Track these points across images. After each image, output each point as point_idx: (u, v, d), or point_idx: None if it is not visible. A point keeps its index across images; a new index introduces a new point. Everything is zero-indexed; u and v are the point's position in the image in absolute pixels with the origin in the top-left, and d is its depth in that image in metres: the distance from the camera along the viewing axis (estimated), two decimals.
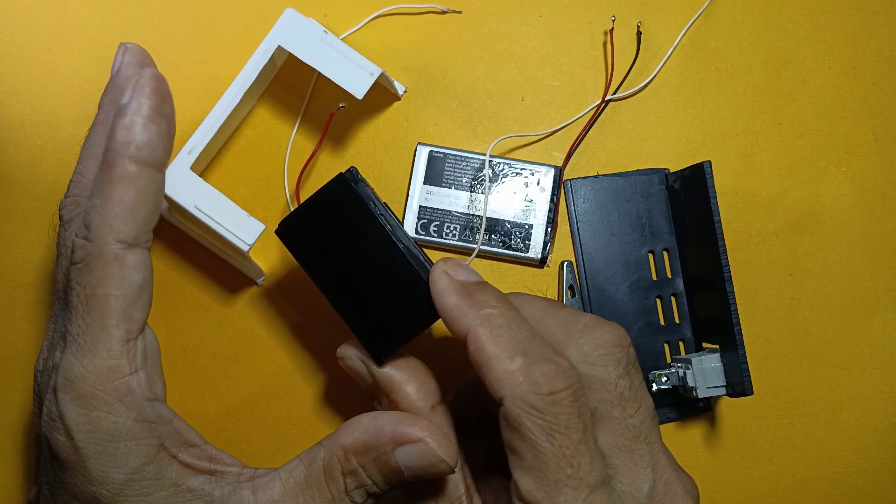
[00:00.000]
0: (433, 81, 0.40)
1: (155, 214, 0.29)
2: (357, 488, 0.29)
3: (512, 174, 0.39)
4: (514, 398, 0.26)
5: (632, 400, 0.28)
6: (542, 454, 0.26)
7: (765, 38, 0.41)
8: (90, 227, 0.28)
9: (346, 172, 0.30)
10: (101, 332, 0.28)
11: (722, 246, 0.35)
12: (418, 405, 0.30)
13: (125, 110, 0.29)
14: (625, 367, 0.28)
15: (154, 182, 0.29)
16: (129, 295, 0.28)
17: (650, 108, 0.41)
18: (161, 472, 0.28)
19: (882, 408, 0.40)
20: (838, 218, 0.40)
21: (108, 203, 0.28)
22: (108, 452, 0.27)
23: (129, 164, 0.28)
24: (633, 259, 0.39)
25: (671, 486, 0.28)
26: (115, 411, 0.27)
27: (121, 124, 0.28)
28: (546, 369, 0.26)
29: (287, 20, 0.35)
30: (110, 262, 0.28)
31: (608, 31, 0.40)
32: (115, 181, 0.28)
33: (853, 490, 0.39)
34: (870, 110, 0.41)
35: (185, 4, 0.40)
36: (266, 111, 0.40)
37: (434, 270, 0.30)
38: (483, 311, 0.28)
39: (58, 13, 0.40)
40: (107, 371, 0.27)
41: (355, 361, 0.32)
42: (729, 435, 0.39)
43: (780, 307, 0.40)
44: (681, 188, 0.38)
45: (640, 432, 0.28)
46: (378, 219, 0.30)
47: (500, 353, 0.27)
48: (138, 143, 0.28)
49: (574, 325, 0.29)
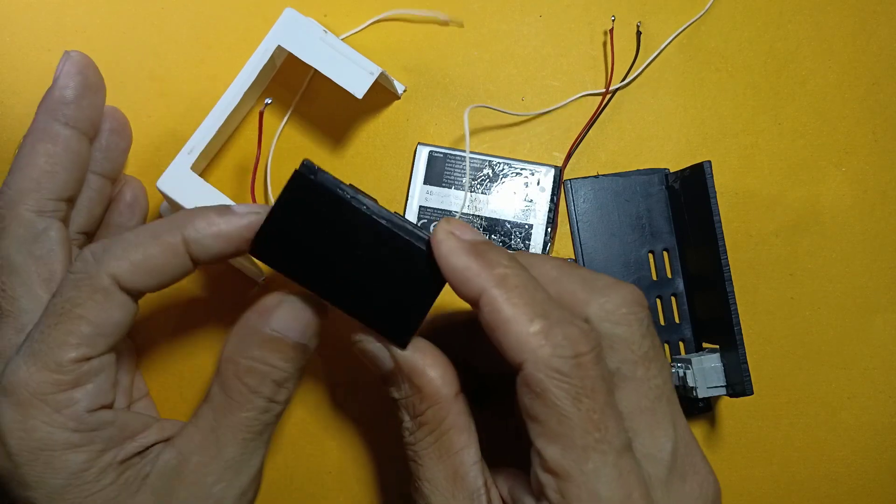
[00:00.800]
0: (433, 81, 0.40)
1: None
2: (261, 382, 0.28)
3: (512, 174, 0.39)
4: (535, 362, 0.25)
5: (654, 360, 0.27)
6: (567, 420, 0.24)
7: (765, 38, 0.41)
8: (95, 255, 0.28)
9: (301, 167, 0.28)
10: (57, 348, 0.27)
11: (722, 246, 0.35)
12: (443, 391, 0.28)
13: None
14: (647, 327, 0.27)
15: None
16: (104, 330, 0.28)
17: (650, 108, 0.41)
18: (103, 471, 0.28)
19: (882, 408, 0.40)
20: (838, 218, 0.40)
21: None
22: (43, 460, 0.27)
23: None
24: (633, 259, 0.39)
25: (690, 448, 0.28)
26: (53, 421, 0.27)
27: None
28: (568, 331, 0.25)
29: (287, 20, 0.35)
30: (98, 290, 0.28)
31: (608, 31, 0.40)
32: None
33: (853, 490, 0.39)
34: (870, 110, 0.41)
35: (185, 4, 0.40)
36: (266, 111, 0.40)
37: (437, 231, 0.27)
38: (496, 270, 0.26)
39: (58, 13, 0.40)
40: (50, 383, 0.27)
41: (374, 345, 0.29)
42: (729, 435, 0.39)
43: (780, 307, 0.40)
44: (681, 188, 0.38)
45: (662, 392, 0.27)
46: (350, 202, 0.28)
47: (518, 315, 0.25)
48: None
49: (594, 282, 0.28)
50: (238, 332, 0.29)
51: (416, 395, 0.29)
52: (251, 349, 0.29)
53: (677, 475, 0.27)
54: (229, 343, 0.29)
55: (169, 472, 0.28)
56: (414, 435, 0.29)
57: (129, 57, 0.40)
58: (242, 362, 0.29)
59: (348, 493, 0.38)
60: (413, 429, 0.29)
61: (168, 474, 0.28)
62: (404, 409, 0.29)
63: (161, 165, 0.35)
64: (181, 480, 0.28)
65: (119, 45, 0.40)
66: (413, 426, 0.29)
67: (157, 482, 0.28)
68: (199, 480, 0.28)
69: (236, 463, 0.29)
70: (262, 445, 0.30)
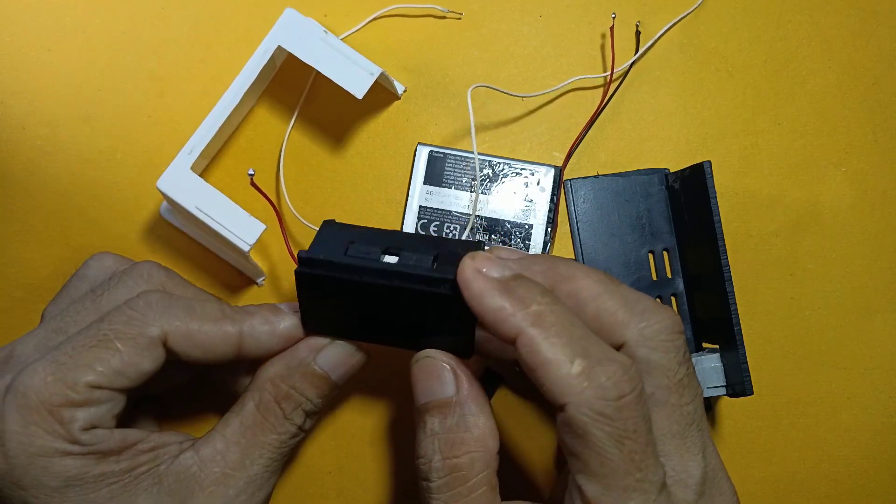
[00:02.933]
0: (433, 81, 0.40)
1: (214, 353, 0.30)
2: (294, 409, 0.30)
3: (512, 174, 0.39)
4: (578, 405, 0.24)
5: (689, 387, 0.27)
6: (609, 461, 0.24)
7: (765, 38, 0.41)
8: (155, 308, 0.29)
9: (298, 264, 0.28)
10: (82, 368, 0.27)
11: (722, 246, 0.35)
12: (489, 440, 0.28)
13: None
14: (683, 354, 0.27)
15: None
16: (129, 372, 0.28)
17: (650, 108, 0.41)
18: (104, 473, 0.28)
19: (882, 408, 0.40)
20: (838, 218, 0.40)
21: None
22: (41, 465, 0.27)
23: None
24: (633, 259, 0.39)
25: (717, 473, 0.28)
26: (53, 431, 0.27)
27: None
28: (611, 370, 0.25)
29: (287, 20, 0.35)
30: (146, 336, 0.28)
31: (608, 30, 0.40)
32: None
33: (853, 490, 0.39)
34: (870, 110, 0.41)
35: (185, 4, 0.40)
36: (266, 111, 0.40)
37: (464, 270, 0.27)
38: (531, 308, 0.26)
39: (58, 13, 0.40)
40: (60, 396, 0.27)
41: (443, 364, 0.29)
42: (729, 435, 0.39)
43: (780, 307, 0.40)
44: (681, 188, 0.38)
45: (693, 419, 0.27)
46: (355, 280, 0.28)
47: (558, 356, 0.25)
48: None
49: (635, 305, 0.27)
50: (285, 358, 0.31)
51: (461, 434, 0.27)
52: (294, 378, 0.30)
53: (706, 500, 0.27)
54: (274, 366, 0.31)
55: (187, 475, 0.29)
56: (444, 480, 0.27)
57: (129, 57, 0.40)
58: (283, 387, 0.30)
59: (348, 493, 0.38)
60: (443, 472, 0.27)
61: (186, 478, 0.29)
62: (439, 446, 0.28)
63: (161, 165, 0.35)
64: (202, 486, 0.29)
65: (119, 45, 0.40)
66: (444, 468, 0.27)
67: (172, 483, 0.29)
68: (222, 490, 0.29)
69: (259, 480, 0.30)
70: (280, 468, 0.31)
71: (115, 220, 0.39)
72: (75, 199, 0.39)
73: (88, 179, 0.39)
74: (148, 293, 0.30)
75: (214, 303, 0.31)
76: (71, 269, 0.35)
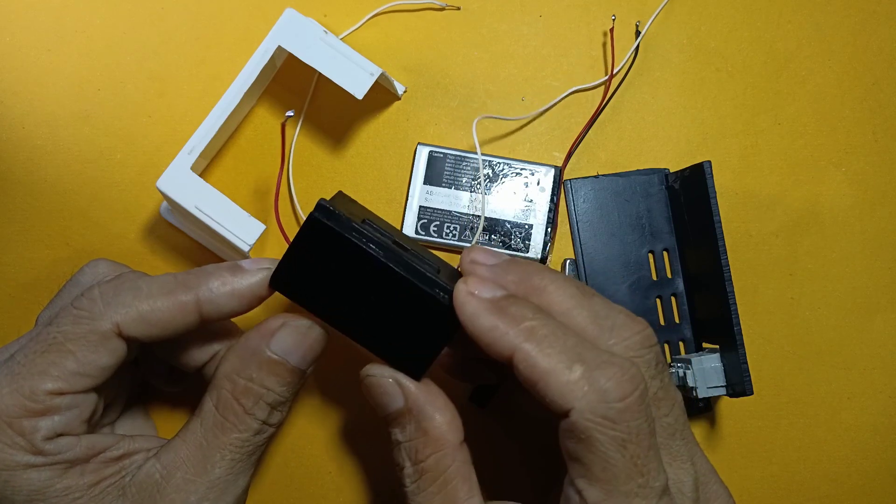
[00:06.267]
0: (433, 81, 0.40)
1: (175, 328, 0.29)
2: (255, 404, 0.29)
3: (512, 174, 0.39)
4: (582, 410, 0.24)
5: (664, 399, 0.27)
6: (612, 466, 0.24)
7: (765, 38, 0.41)
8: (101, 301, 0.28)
9: (315, 210, 0.28)
10: (37, 375, 0.27)
11: (722, 246, 0.35)
12: (448, 437, 0.28)
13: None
14: (655, 368, 0.27)
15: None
16: (88, 371, 0.28)
17: (650, 108, 0.41)
18: (68, 486, 0.27)
19: (882, 408, 0.40)
20: (838, 218, 0.40)
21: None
22: (3, 479, 0.27)
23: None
24: (633, 259, 0.39)
25: (709, 477, 0.28)
26: (14, 444, 0.27)
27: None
28: (610, 373, 0.25)
29: (287, 20, 0.35)
30: (97, 332, 0.28)
31: (608, 30, 0.40)
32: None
33: (853, 490, 0.39)
34: (870, 110, 0.41)
35: (185, 4, 0.40)
36: (266, 111, 0.40)
37: (458, 294, 0.27)
38: (523, 325, 0.26)
39: (58, 13, 0.40)
40: (19, 407, 0.27)
41: (387, 380, 0.29)
42: (729, 435, 0.39)
43: (780, 307, 0.40)
44: (681, 188, 0.38)
45: (675, 430, 0.27)
46: (365, 249, 0.28)
47: (555, 364, 0.25)
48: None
49: (604, 321, 0.27)
50: (238, 350, 0.29)
51: (421, 438, 0.28)
52: (249, 369, 0.29)
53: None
54: (228, 361, 0.29)
55: (150, 484, 0.28)
56: (416, 483, 0.28)
57: (129, 57, 0.40)
58: (240, 382, 0.29)
59: (348, 493, 0.38)
60: (414, 476, 0.28)
61: (149, 487, 0.28)
62: (406, 454, 0.28)
63: (161, 165, 0.35)
64: (162, 495, 0.28)
65: (119, 45, 0.40)
66: (414, 473, 0.28)
67: (135, 493, 0.28)
68: (182, 497, 0.28)
69: (223, 482, 0.29)
70: (250, 467, 0.30)
71: (114, 220, 0.39)
72: (75, 199, 0.39)
73: (88, 179, 0.39)
74: (91, 288, 0.29)
75: (167, 275, 0.29)
76: (71, 270, 0.35)
